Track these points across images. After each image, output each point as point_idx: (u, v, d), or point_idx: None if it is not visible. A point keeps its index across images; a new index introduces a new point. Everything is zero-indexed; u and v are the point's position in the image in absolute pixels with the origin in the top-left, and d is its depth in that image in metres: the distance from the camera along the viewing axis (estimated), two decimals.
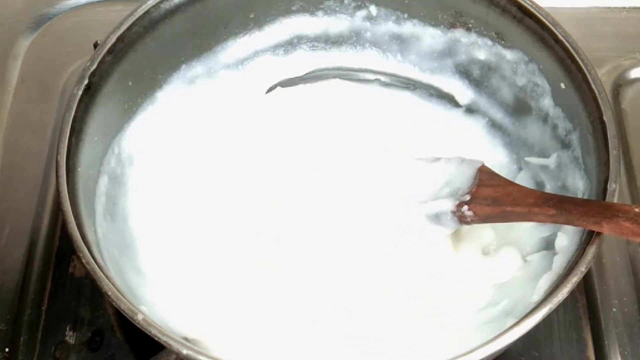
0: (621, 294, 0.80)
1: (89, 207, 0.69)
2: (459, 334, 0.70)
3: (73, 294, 0.80)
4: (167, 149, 0.81)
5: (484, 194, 0.71)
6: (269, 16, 0.85)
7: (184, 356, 0.58)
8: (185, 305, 0.72)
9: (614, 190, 0.65)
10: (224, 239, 0.77)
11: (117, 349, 0.76)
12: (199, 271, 0.75)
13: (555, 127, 0.77)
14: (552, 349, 0.77)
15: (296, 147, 0.83)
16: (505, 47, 0.80)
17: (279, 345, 0.71)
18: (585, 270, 0.61)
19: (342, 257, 0.75)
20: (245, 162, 0.82)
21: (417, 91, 0.88)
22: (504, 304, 0.71)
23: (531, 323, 0.59)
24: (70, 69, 0.95)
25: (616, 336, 0.77)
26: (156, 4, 0.76)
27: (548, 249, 0.73)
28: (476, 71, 0.84)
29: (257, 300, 0.73)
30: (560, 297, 0.60)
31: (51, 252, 0.82)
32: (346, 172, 0.81)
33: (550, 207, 0.65)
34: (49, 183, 0.86)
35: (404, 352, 0.70)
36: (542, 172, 0.79)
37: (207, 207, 0.79)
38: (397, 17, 0.85)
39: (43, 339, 0.77)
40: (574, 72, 0.72)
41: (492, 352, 0.58)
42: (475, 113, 0.86)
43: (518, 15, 0.76)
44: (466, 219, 0.72)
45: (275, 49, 0.88)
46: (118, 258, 0.71)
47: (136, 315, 0.59)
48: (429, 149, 0.82)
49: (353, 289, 0.74)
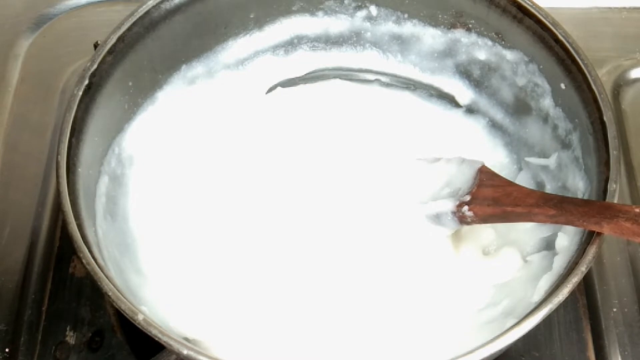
0: (621, 294, 0.80)
1: (89, 207, 0.69)
2: (459, 334, 0.70)
3: (73, 294, 0.80)
4: (167, 149, 0.81)
5: (484, 195, 0.71)
6: (269, 16, 0.85)
7: (184, 356, 0.58)
8: (186, 305, 0.72)
9: (614, 191, 0.65)
10: (224, 239, 0.77)
11: (117, 349, 0.76)
12: (199, 271, 0.75)
13: (555, 127, 0.77)
14: (553, 349, 0.77)
15: (296, 148, 0.83)
16: (505, 47, 0.80)
17: (279, 345, 0.71)
18: (585, 270, 0.61)
19: (342, 257, 0.75)
20: (245, 162, 0.82)
21: (417, 91, 0.88)
22: (505, 304, 0.71)
23: (531, 323, 0.59)
24: (70, 69, 0.95)
25: (616, 336, 0.77)
26: (156, 4, 0.76)
27: (548, 249, 0.73)
28: (476, 71, 0.84)
29: (257, 300, 0.73)
30: (561, 297, 0.60)
31: (51, 253, 0.82)
32: (346, 172, 0.81)
33: (550, 207, 0.65)
34: (49, 183, 0.86)
35: (404, 352, 0.70)
36: (543, 173, 0.79)
37: (207, 207, 0.79)
38: (398, 17, 0.85)
39: (43, 339, 0.77)
40: (574, 73, 0.72)
41: (492, 352, 0.58)
42: (476, 113, 0.86)
43: (518, 15, 0.76)
44: (466, 220, 0.72)
45: (276, 49, 0.88)
46: (118, 258, 0.71)
47: (136, 316, 0.59)
48: (429, 149, 0.82)
49: (353, 288, 0.74)
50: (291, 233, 0.77)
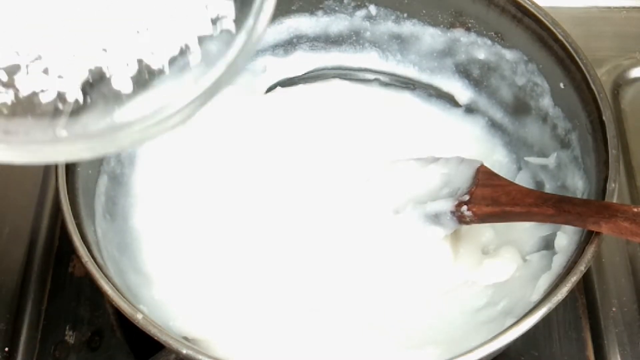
0: (621, 294, 0.80)
1: (88, 207, 0.69)
2: (459, 334, 0.70)
3: (73, 294, 0.80)
4: (166, 148, 0.81)
5: (483, 194, 0.71)
6: None
7: (184, 356, 0.58)
8: (185, 304, 0.72)
9: (613, 190, 0.65)
10: (223, 239, 0.77)
11: (116, 349, 0.76)
12: (198, 271, 0.75)
13: (554, 126, 0.77)
14: (552, 348, 0.77)
15: (296, 147, 0.83)
16: (504, 46, 0.80)
17: (279, 344, 0.71)
18: (584, 269, 0.61)
19: (342, 256, 0.76)
20: (245, 161, 0.82)
21: (416, 91, 0.88)
22: (504, 303, 0.71)
23: (530, 322, 0.59)
24: None
25: (616, 336, 0.77)
26: None
27: (547, 249, 0.73)
28: (476, 71, 0.84)
29: (257, 300, 0.73)
30: (560, 296, 0.60)
31: (51, 252, 0.82)
32: (346, 171, 0.81)
33: (549, 207, 0.65)
34: (49, 183, 0.86)
35: (403, 352, 0.70)
36: (542, 172, 0.79)
37: (206, 207, 0.79)
38: (397, 16, 0.85)
39: (43, 338, 0.77)
40: (573, 72, 0.72)
41: (491, 351, 0.58)
42: (475, 113, 0.86)
43: (517, 15, 0.76)
44: (465, 219, 0.72)
45: (275, 48, 0.88)
46: (118, 258, 0.71)
47: (136, 315, 0.59)
48: (428, 148, 0.82)
49: (352, 287, 0.74)
50: (291, 232, 0.77)
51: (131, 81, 0.52)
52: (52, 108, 0.50)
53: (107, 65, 0.51)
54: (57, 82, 0.50)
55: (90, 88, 0.51)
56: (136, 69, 0.52)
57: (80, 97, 0.51)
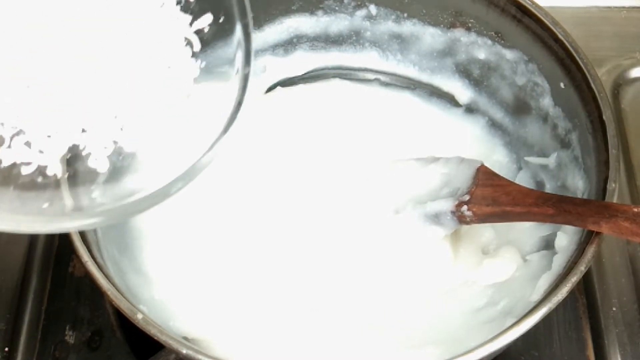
0: (621, 294, 0.80)
1: None
2: (459, 334, 0.70)
3: (73, 294, 0.80)
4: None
5: (483, 194, 0.71)
6: (268, 16, 0.85)
7: (184, 355, 0.58)
8: (185, 304, 0.72)
9: (614, 190, 0.65)
10: (223, 238, 0.77)
11: (116, 349, 0.76)
12: (198, 271, 0.75)
13: (554, 126, 0.77)
14: (552, 348, 0.77)
15: (296, 147, 0.83)
16: (504, 46, 0.80)
17: (279, 344, 0.71)
18: (584, 269, 0.61)
19: (342, 256, 0.76)
20: (244, 161, 0.82)
21: (416, 91, 0.88)
22: (504, 303, 0.71)
23: (531, 322, 0.59)
24: None
25: (616, 336, 0.77)
26: None
27: (548, 249, 0.73)
28: (476, 71, 0.84)
29: (256, 300, 0.73)
30: (560, 296, 0.60)
31: (51, 252, 0.82)
32: (346, 171, 0.81)
33: (549, 207, 0.65)
34: None
35: (403, 352, 0.70)
36: (542, 172, 0.79)
37: (206, 206, 0.79)
38: (397, 16, 0.85)
39: (43, 338, 0.77)
40: (573, 72, 0.72)
41: (491, 351, 0.58)
42: (475, 112, 0.86)
43: (518, 14, 0.76)
44: (465, 219, 0.72)
45: (275, 48, 0.88)
46: (118, 258, 0.71)
47: (136, 315, 0.59)
48: (428, 148, 0.82)
49: (352, 287, 0.74)
50: (291, 232, 0.77)
51: (107, 161, 0.54)
52: (34, 180, 0.53)
53: (84, 144, 0.53)
54: (38, 156, 0.52)
55: (69, 165, 0.54)
56: (112, 150, 0.54)
57: (60, 172, 0.53)
